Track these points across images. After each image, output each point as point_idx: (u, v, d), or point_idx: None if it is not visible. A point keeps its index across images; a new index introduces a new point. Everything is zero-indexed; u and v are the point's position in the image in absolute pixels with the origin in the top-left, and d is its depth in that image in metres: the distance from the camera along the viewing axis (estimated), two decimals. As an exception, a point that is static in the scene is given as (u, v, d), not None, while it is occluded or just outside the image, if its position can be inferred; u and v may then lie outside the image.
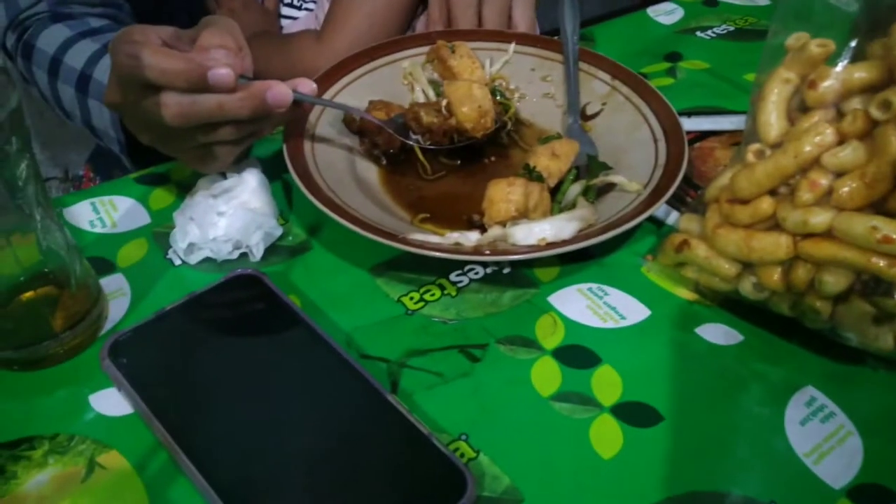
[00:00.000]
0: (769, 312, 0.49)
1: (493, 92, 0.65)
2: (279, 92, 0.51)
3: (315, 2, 0.90)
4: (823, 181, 0.43)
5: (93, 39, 0.72)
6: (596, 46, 0.80)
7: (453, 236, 0.51)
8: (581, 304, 0.51)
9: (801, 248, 0.45)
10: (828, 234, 0.44)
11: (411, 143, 0.59)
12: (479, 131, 0.59)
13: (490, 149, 0.64)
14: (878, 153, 0.41)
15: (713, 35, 0.81)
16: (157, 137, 0.54)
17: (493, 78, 0.68)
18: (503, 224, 0.51)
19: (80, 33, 0.73)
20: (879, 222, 0.41)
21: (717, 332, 0.50)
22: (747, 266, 0.48)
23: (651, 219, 0.57)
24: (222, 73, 0.48)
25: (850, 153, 0.43)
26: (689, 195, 0.60)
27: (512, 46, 0.70)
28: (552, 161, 0.56)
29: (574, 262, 0.54)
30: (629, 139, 0.61)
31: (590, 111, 0.66)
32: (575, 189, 0.56)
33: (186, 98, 0.49)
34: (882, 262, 0.42)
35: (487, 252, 0.49)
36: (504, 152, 0.64)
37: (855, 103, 0.44)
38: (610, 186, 0.57)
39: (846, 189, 0.42)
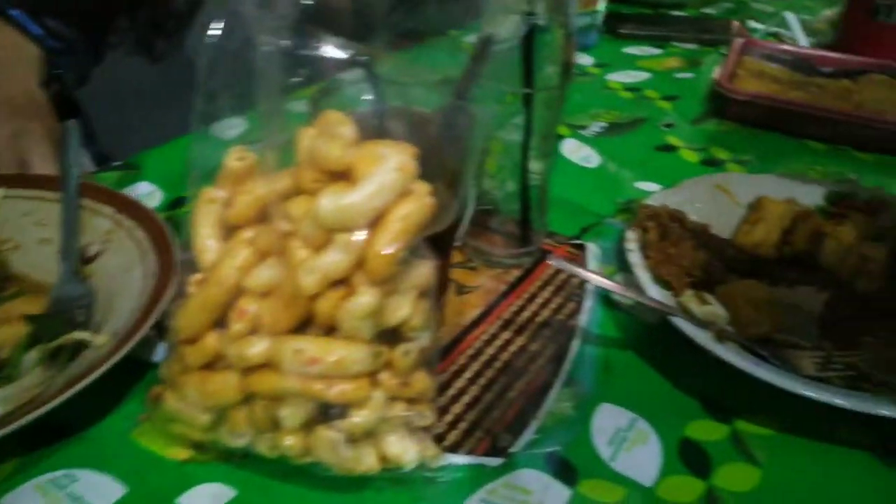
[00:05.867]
0: (258, 457, 0.43)
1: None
2: None
3: None
4: (251, 308, 0.39)
5: None
6: (143, 174, 0.74)
7: None
8: (37, 504, 0.41)
9: (248, 385, 0.39)
10: (270, 365, 0.39)
11: None
12: None
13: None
14: (287, 267, 0.38)
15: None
16: None
17: (-25, 231, 0.57)
18: None
19: None
20: (303, 343, 0.38)
21: (204, 495, 0.42)
22: (222, 411, 0.42)
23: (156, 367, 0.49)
24: None
25: (268, 272, 0.39)
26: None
27: (2, 192, 0.60)
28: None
29: (38, 448, 0.44)
30: (123, 280, 0.53)
31: (92, 252, 0.57)
32: (31, 357, 0.46)
33: None
34: (319, 385, 0.38)
35: None
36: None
37: (282, 216, 0.41)
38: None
39: (268, 313, 0.38)
